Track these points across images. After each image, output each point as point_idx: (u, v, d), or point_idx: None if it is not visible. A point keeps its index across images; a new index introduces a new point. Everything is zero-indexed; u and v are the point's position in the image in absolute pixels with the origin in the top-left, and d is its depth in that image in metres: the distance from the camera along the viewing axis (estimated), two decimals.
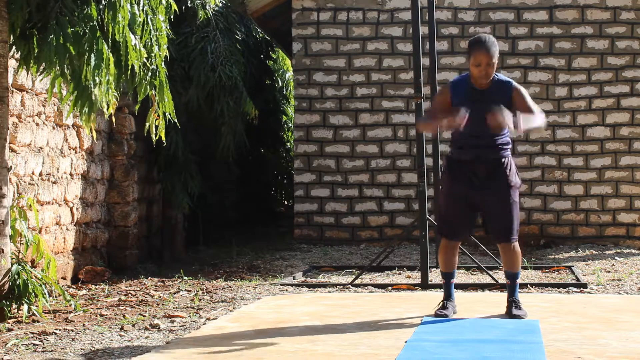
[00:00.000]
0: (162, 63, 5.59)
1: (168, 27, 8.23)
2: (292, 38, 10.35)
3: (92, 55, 4.94)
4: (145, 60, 5.36)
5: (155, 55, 5.45)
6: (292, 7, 10.29)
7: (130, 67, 5.21)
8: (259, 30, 11.71)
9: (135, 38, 5.24)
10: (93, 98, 5.10)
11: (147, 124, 5.70)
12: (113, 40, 5.14)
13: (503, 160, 5.01)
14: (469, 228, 5.21)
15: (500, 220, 5.03)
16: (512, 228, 5.03)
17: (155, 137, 5.75)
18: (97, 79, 4.97)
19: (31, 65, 5.15)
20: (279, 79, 13.71)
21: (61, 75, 5.11)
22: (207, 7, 9.12)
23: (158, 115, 5.65)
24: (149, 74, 5.46)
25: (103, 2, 5.06)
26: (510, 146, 5.08)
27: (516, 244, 5.08)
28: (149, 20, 5.38)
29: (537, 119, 4.88)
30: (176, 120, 5.94)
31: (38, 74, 5.20)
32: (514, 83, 5.03)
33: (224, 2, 9.66)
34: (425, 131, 5.12)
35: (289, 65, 13.73)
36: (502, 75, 5.09)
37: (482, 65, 4.89)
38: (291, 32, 10.37)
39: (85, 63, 4.95)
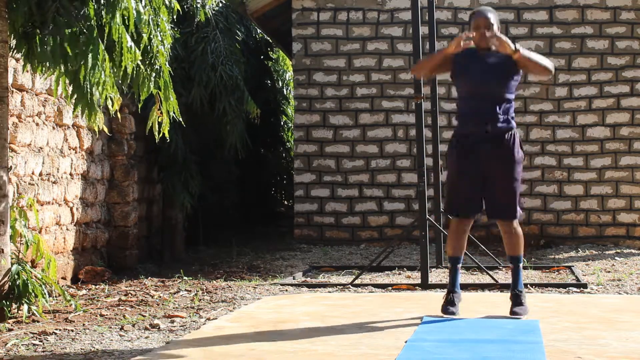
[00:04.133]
0: (166, 62, 5.59)
1: (173, 27, 8.26)
2: (292, 38, 10.35)
3: (89, 55, 4.93)
4: (140, 63, 5.34)
5: (159, 55, 5.45)
6: (292, 7, 10.29)
7: (123, 68, 5.20)
8: (258, 30, 11.71)
9: (139, 38, 5.23)
10: (93, 99, 5.10)
11: (150, 122, 5.70)
12: (110, 40, 5.13)
13: (507, 134, 5.01)
14: (478, 205, 5.11)
15: (502, 196, 5.01)
16: (513, 205, 5.01)
17: (159, 135, 5.75)
18: (94, 79, 4.96)
19: (35, 64, 5.14)
20: (279, 79, 13.71)
21: (65, 74, 5.11)
22: (207, 7, 9.12)
23: (161, 113, 5.65)
24: (153, 73, 5.46)
25: (102, 1, 5.05)
26: (513, 118, 5.08)
27: (517, 225, 5.07)
28: (150, 20, 5.38)
29: (541, 58, 5.07)
30: (181, 119, 5.93)
31: (42, 73, 5.19)
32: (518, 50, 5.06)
33: (223, 2, 9.66)
34: (426, 65, 5.17)
35: (289, 66, 13.73)
36: None
37: (481, 28, 4.99)
38: (291, 32, 10.37)
39: (83, 63, 4.95)
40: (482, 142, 5.00)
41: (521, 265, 5.16)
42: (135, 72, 5.33)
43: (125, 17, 5.12)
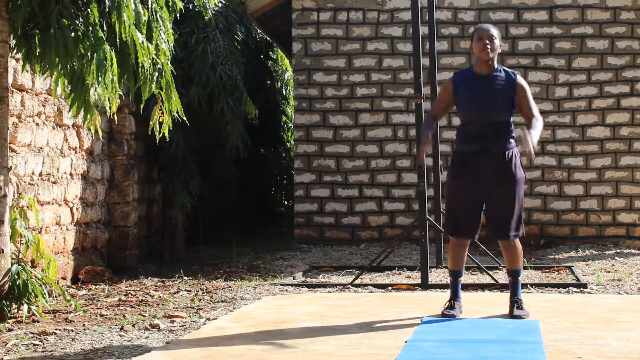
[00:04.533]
0: (168, 62, 5.59)
1: (173, 27, 8.27)
2: (292, 38, 10.35)
3: (95, 55, 4.93)
4: (155, 57, 5.36)
5: (162, 54, 5.45)
6: (292, 7, 10.29)
7: (140, 65, 5.21)
8: (258, 30, 11.71)
9: (142, 36, 5.23)
10: (92, 99, 5.10)
11: (152, 122, 5.70)
12: (120, 40, 5.13)
13: (508, 152, 5.02)
14: (477, 224, 5.13)
15: (502, 216, 5.03)
16: (511, 224, 5.03)
17: (159, 135, 5.75)
18: (100, 79, 4.96)
19: (35, 64, 5.14)
20: (278, 79, 13.70)
21: (64, 75, 5.11)
22: (208, 7, 9.12)
23: (162, 113, 5.65)
24: (156, 73, 5.46)
25: (107, 2, 5.05)
26: (514, 138, 5.09)
27: (517, 241, 5.08)
28: (158, 17, 5.39)
29: (539, 125, 4.97)
30: (185, 118, 5.94)
31: (41, 73, 5.20)
32: (518, 78, 5.09)
33: (223, 2, 9.66)
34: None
35: (288, 66, 13.73)
36: (507, 68, 5.17)
37: (484, 39, 4.99)
38: (291, 32, 10.37)
39: (88, 64, 4.95)
40: (482, 162, 4.99)
41: (520, 278, 5.17)
42: (149, 69, 5.33)
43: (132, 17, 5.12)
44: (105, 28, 5.11)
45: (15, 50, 5.18)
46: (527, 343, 4.27)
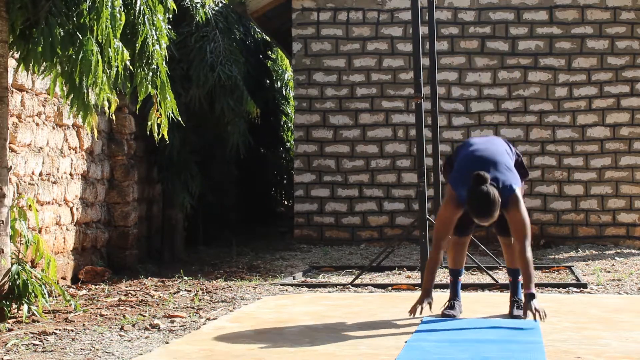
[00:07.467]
0: (163, 62, 5.57)
1: (170, 28, 8.27)
2: (292, 38, 10.35)
3: (84, 56, 4.91)
4: (128, 62, 5.32)
5: (155, 55, 5.43)
6: (292, 7, 10.29)
7: (112, 69, 5.17)
8: (258, 30, 11.71)
9: (134, 37, 5.21)
10: (86, 99, 5.09)
11: (149, 123, 5.69)
12: (97, 41, 5.11)
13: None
14: (473, 222, 5.07)
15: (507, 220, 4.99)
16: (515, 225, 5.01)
17: (158, 135, 5.74)
18: (89, 79, 4.95)
19: (31, 64, 5.13)
20: (278, 79, 13.70)
21: (62, 75, 5.10)
22: (206, 7, 9.11)
23: (160, 114, 5.64)
24: (150, 73, 5.44)
25: (87, 3, 5.02)
26: (515, 182, 4.95)
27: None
28: (145, 20, 5.36)
29: (530, 271, 4.83)
30: (180, 118, 5.92)
31: (39, 73, 5.19)
32: (515, 192, 4.93)
33: (223, 2, 9.65)
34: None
35: (288, 65, 13.73)
36: (507, 177, 4.92)
37: (482, 223, 4.81)
38: (291, 32, 10.37)
39: (78, 63, 4.93)
40: None
41: (520, 278, 5.15)
42: (123, 72, 5.30)
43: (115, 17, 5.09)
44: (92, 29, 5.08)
45: (15, 49, 5.17)
46: (527, 343, 4.27)
